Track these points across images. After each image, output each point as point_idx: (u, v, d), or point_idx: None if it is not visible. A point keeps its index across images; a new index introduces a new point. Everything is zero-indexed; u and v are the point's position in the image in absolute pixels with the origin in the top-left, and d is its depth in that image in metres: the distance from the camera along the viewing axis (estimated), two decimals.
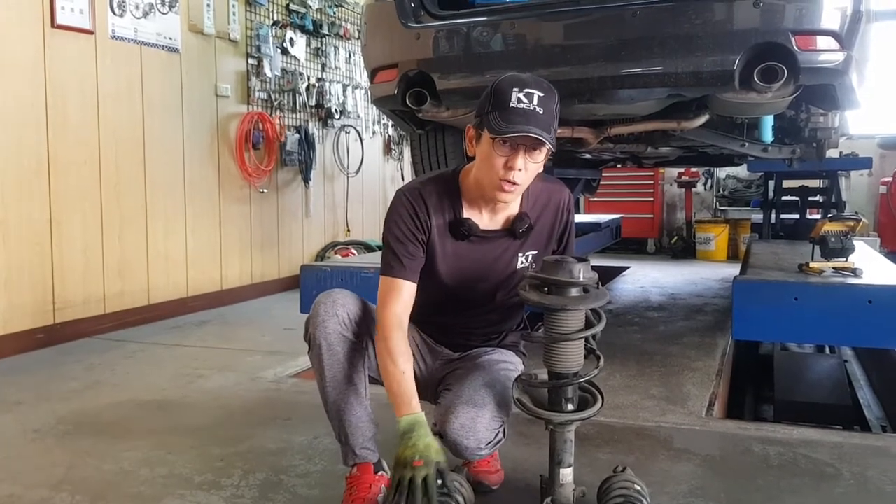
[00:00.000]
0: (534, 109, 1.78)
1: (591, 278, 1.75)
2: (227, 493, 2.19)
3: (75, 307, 4.39)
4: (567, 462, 1.82)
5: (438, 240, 1.98)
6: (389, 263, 1.95)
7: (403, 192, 1.99)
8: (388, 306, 1.92)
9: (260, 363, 3.79)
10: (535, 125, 1.77)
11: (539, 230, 2.05)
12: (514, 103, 1.78)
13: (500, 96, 1.80)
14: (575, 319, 1.75)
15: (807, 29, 2.62)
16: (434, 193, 1.98)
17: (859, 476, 2.29)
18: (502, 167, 1.83)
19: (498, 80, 1.83)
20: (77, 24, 4.30)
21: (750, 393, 4.62)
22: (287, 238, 6.40)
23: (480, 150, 1.87)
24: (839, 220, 3.32)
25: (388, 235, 1.97)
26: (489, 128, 1.80)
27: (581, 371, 1.81)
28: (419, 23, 3.18)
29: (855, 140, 7.16)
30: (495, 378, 1.98)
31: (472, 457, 1.91)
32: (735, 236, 8.48)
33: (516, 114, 1.77)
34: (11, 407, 3.09)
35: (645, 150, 4.13)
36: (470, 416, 1.85)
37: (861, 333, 2.90)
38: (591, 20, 2.95)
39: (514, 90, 1.79)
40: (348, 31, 6.97)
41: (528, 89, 1.79)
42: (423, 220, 1.95)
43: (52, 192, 4.22)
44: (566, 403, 1.81)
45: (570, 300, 1.73)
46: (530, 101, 1.79)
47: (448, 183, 2.00)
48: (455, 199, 1.98)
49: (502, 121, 1.77)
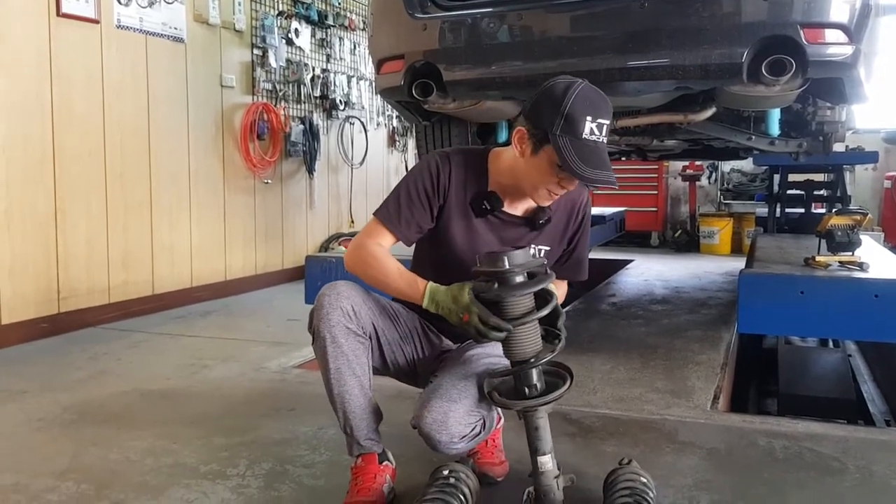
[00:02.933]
0: (602, 143, 1.78)
1: (524, 265, 1.74)
2: (232, 482, 2.20)
3: (80, 297, 4.39)
4: (542, 449, 1.79)
5: (455, 210, 1.98)
6: (390, 212, 1.97)
7: (432, 155, 2.01)
8: (372, 240, 1.96)
9: (264, 353, 3.79)
10: (608, 168, 1.76)
11: (554, 225, 2.05)
12: (586, 134, 1.75)
13: (573, 123, 1.74)
14: (518, 305, 1.74)
15: (816, 22, 2.61)
16: (462, 164, 1.98)
17: (865, 470, 2.28)
18: (556, 184, 1.84)
19: (571, 99, 1.75)
20: (82, 14, 4.30)
21: (754, 387, 4.62)
22: (291, 229, 6.40)
23: (537, 160, 1.83)
24: (846, 215, 3.31)
25: (403, 187, 1.98)
26: (561, 158, 1.75)
27: (541, 354, 1.79)
28: (426, 13, 3.17)
29: (860, 134, 7.15)
30: (478, 372, 1.94)
31: (446, 451, 1.87)
32: (739, 230, 8.46)
33: (590, 151, 1.75)
34: (16, 396, 3.10)
35: (650, 142, 4.12)
36: (442, 411, 1.82)
37: (867, 328, 2.89)
38: (598, 12, 2.93)
39: (588, 119, 1.74)
40: (353, 22, 6.96)
41: (600, 120, 1.76)
42: (443, 186, 1.96)
43: (56, 181, 4.22)
44: (530, 390, 1.79)
45: (507, 289, 1.73)
46: (601, 133, 1.77)
47: (478, 159, 2.01)
48: (482, 176, 1.99)
49: (577, 157, 1.73)
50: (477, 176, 1.98)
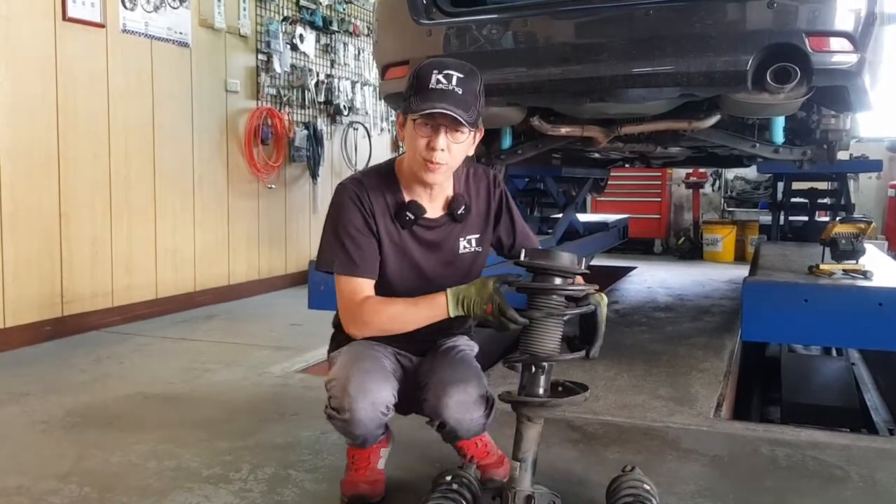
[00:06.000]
0: (452, 89, 1.82)
1: (555, 267, 1.78)
2: (235, 486, 2.20)
3: (83, 300, 4.40)
4: (514, 454, 1.82)
5: (384, 231, 1.99)
6: (344, 261, 1.94)
7: (345, 186, 2.01)
8: (356, 299, 1.93)
9: (267, 358, 3.79)
10: (453, 104, 1.81)
11: (476, 213, 2.10)
12: (432, 84, 1.82)
13: (421, 79, 1.84)
14: (542, 304, 1.78)
15: (820, 30, 2.61)
16: (376, 185, 2.00)
17: (868, 479, 2.28)
18: (424, 148, 1.87)
19: (421, 65, 1.88)
20: (88, 18, 4.31)
21: (757, 395, 4.60)
22: (294, 234, 6.40)
23: (406, 134, 1.92)
24: (850, 223, 3.30)
25: (340, 229, 1.96)
26: (408, 109, 1.85)
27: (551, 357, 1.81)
28: (431, 20, 3.18)
29: (864, 142, 7.14)
30: (459, 359, 2.04)
31: (469, 431, 1.95)
32: (742, 238, 8.45)
33: (434, 94, 1.81)
34: (19, 399, 3.10)
35: (654, 149, 4.12)
36: (462, 391, 1.90)
37: (871, 336, 2.88)
38: (603, 18, 2.94)
39: (434, 72, 1.83)
40: (358, 28, 6.97)
41: (447, 71, 1.84)
42: (370, 210, 1.97)
43: (61, 184, 4.23)
44: (525, 390, 1.82)
45: (532, 283, 1.80)
46: (449, 82, 1.83)
47: (386, 173, 2.04)
48: (395, 187, 2.01)
49: (418, 99, 1.82)
50: (392, 190, 2.00)
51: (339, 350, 2.07)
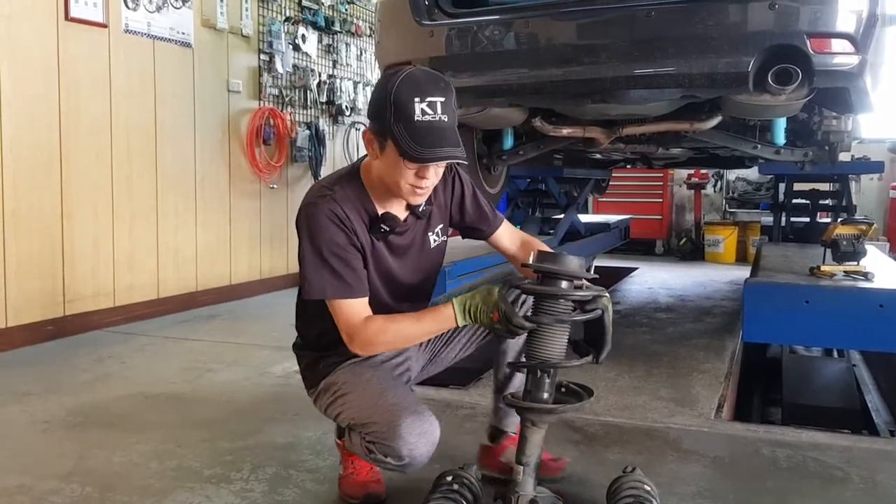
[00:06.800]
0: (440, 120, 1.71)
1: (564, 272, 1.76)
2: (236, 486, 2.20)
3: (85, 300, 4.40)
4: (518, 458, 1.82)
5: (365, 245, 1.91)
6: (338, 285, 1.83)
7: (317, 204, 1.86)
8: (356, 321, 1.85)
9: (269, 358, 3.80)
10: (449, 143, 1.72)
11: (438, 205, 2.04)
12: (418, 116, 1.70)
13: (402, 109, 1.70)
14: (548, 309, 1.78)
15: (822, 31, 2.61)
16: (346, 198, 1.88)
17: (868, 480, 2.28)
18: (413, 177, 1.78)
19: (394, 88, 1.72)
20: (91, 18, 4.31)
21: (758, 396, 4.60)
22: (296, 234, 6.38)
23: (386, 158, 1.78)
24: (851, 224, 3.30)
25: (325, 253, 1.83)
26: (399, 148, 1.71)
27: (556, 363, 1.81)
28: (433, 20, 3.18)
29: (866, 144, 7.14)
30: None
31: None
32: (744, 239, 8.45)
33: (425, 131, 1.70)
34: (21, 398, 3.11)
35: (656, 150, 4.12)
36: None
37: (872, 337, 2.89)
38: (605, 20, 2.94)
39: (416, 101, 1.70)
40: (360, 28, 6.97)
41: (430, 98, 1.71)
42: (349, 227, 1.86)
43: (63, 184, 4.23)
44: (530, 395, 1.83)
45: (535, 287, 1.80)
46: (434, 112, 1.71)
47: (353, 184, 1.91)
48: (365, 198, 1.91)
49: (412, 141, 1.69)
50: (363, 202, 1.90)
51: (336, 378, 1.98)
